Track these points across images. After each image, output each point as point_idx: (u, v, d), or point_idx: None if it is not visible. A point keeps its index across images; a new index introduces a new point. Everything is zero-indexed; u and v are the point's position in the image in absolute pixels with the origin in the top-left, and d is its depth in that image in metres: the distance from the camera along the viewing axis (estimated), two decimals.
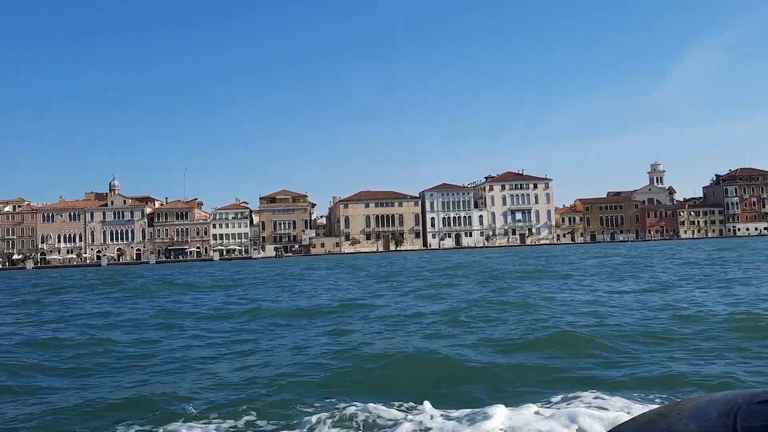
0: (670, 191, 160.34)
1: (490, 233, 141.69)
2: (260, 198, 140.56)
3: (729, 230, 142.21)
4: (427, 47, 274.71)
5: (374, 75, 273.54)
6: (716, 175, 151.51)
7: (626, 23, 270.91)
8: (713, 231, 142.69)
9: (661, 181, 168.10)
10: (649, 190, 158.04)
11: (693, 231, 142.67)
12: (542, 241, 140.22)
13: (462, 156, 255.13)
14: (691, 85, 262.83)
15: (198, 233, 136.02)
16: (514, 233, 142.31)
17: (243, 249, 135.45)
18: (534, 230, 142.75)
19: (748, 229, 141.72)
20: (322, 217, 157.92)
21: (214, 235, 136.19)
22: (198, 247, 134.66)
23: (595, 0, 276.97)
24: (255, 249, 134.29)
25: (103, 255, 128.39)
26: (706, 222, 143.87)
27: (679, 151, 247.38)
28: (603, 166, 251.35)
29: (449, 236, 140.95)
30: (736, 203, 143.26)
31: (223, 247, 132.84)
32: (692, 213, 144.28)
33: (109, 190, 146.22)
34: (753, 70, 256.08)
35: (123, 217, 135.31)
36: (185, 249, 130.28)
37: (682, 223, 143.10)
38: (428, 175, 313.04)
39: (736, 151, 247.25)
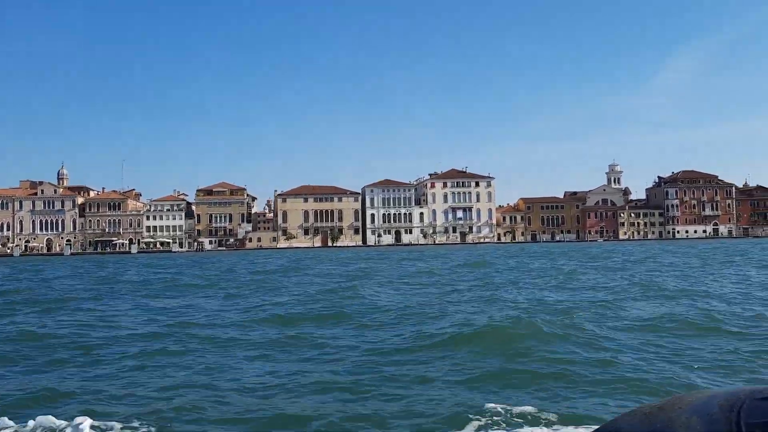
0: (625, 192, 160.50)
1: (431, 231, 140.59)
2: (197, 190, 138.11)
3: (668, 232, 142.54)
4: (379, 44, 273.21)
5: (327, 71, 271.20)
6: (658, 177, 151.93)
7: (606, 29, 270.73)
8: (653, 233, 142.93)
9: (618, 182, 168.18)
10: (604, 190, 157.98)
11: (633, 232, 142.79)
12: (483, 240, 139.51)
13: (426, 154, 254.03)
14: (668, 90, 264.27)
15: (131, 225, 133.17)
16: (454, 231, 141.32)
17: (178, 242, 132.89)
18: (475, 228, 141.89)
19: (687, 232, 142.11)
20: (271, 212, 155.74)
21: (148, 227, 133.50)
22: (131, 239, 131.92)
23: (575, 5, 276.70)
24: (190, 242, 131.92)
25: (15, 246, 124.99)
26: (646, 224, 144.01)
27: (649, 154, 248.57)
28: (574, 167, 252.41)
29: (388, 233, 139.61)
30: (676, 206, 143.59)
31: (153, 240, 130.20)
32: (632, 214, 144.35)
33: (57, 179, 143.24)
34: (728, 79, 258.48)
35: (53, 207, 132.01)
36: (113, 241, 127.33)
37: (623, 224, 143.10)
38: (381, 171, 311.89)
39: (705, 155, 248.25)
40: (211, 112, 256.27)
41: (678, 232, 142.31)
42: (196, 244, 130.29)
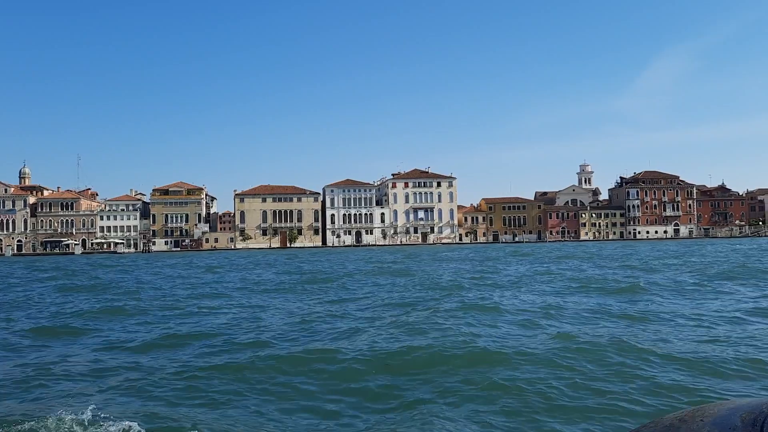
0: (595, 192, 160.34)
1: (392, 231, 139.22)
2: (153, 190, 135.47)
3: (630, 233, 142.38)
4: (346, 44, 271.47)
5: (292, 70, 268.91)
6: (621, 177, 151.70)
7: (589, 31, 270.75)
8: (614, 233, 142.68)
9: (589, 182, 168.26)
10: (573, 190, 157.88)
11: (594, 233, 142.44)
12: (444, 240, 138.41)
13: (392, 156, 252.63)
14: (648, 93, 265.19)
15: (84, 225, 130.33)
16: (416, 231, 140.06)
17: (132, 243, 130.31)
18: (436, 229, 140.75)
19: (648, 232, 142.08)
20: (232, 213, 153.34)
21: (102, 228, 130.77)
22: (84, 240, 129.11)
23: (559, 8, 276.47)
24: (144, 243, 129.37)
25: None
26: (607, 224, 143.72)
27: (626, 156, 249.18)
28: (550, 168, 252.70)
29: (349, 233, 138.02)
30: (637, 206, 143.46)
31: (105, 241, 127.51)
32: (594, 215, 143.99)
33: (18, 178, 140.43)
34: (706, 83, 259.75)
35: (4, 207, 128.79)
36: (63, 242, 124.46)
37: (584, 224, 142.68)
38: (345, 171, 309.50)
39: (677, 156, 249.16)
40: (175, 111, 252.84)
41: (639, 232, 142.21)
42: (142, 244, 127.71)
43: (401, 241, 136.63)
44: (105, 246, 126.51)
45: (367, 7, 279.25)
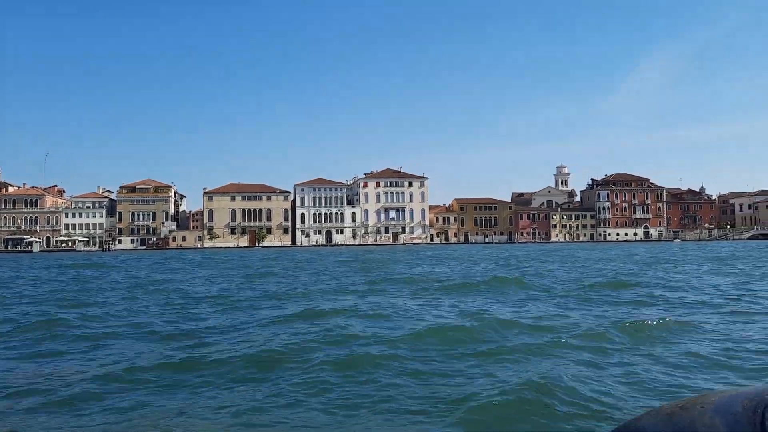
0: (571, 194, 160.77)
1: (363, 231, 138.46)
2: (120, 187, 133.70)
3: (600, 235, 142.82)
4: (321, 43, 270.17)
5: (267, 69, 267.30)
6: (592, 179, 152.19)
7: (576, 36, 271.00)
8: (585, 235, 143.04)
9: (565, 184, 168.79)
10: (549, 192, 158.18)
11: (565, 234, 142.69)
12: (415, 241, 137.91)
13: (367, 156, 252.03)
14: (630, 97, 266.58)
15: (48, 222, 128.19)
16: (387, 231, 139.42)
17: (98, 241, 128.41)
18: (407, 229, 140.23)
19: (618, 234, 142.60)
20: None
21: (66, 225, 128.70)
22: (50, 237, 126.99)
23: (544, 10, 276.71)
24: (104, 240, 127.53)
25: None
26: (578, 226, 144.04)
27: (604, 158, 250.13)
28: (530, 169, 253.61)
29: (319, 233, 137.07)
30: (608, 208, 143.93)
31: (69, 238, 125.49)
32: (564, 216, 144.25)
33: None
34: (689, 88, 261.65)
35: None
36: (25, 239, 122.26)
37: (555, 226, 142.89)
38: (317, 170, 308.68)
39: (654, 159, 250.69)
40: (147, 109, 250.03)
41: (609, 234, 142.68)
42: (102, 242, 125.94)
43: (373, 241, 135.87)
44: (70, 244, 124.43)
45: (341, 5, 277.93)
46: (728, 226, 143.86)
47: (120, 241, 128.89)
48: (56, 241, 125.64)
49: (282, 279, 31.65)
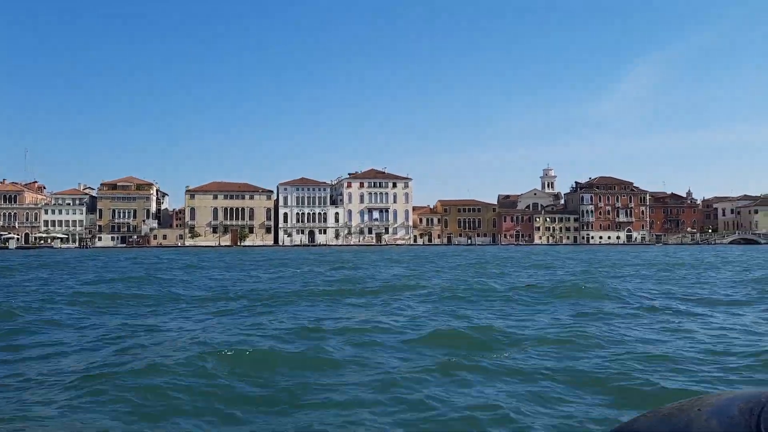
0: (557, 197, 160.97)
1: (346, 231, 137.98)
2: (101, 184, 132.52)
3: (583, 238, 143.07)
4: (308, 43, 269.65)
5: (253, 67, 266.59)
6: (576, 182, 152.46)
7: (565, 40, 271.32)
8: (568, 238, 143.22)
9: (552, 187, 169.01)
10: (534, 194, 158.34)
11: (548, 237, 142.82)
12: (398, 242, 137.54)
13: (354, 157, 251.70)
14: (618, 100, 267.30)
15: (27, 218, 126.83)
16: (370, 232, 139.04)
17: (78, 238, 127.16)
18: (391, 230, 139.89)
19: (601, 238, 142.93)
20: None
21: (46, 222, 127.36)
22: (28, 233, 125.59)
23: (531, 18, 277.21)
24: (89, 238, 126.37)
25: None
26: (561, 228, 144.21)
27: (593, 161, 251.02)
28: (519, 171, 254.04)
29: (302, 232, 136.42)
30: (591, 211, 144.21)
31: (47, 235, 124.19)
32: (548, 219, 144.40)
33: None
34: (681, 91, 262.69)
35: None
36: (2, 236, 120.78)
37: (538, 228, 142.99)
38: (302, 170, 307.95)
39: (639, 163, 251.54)
40: (130, 105, 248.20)
41: (592, 237, 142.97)
42: (80, 240, 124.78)
43: (357, 241, 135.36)
44: (49, 240, 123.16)
45: (325, 5, 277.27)
46: (710, 231, 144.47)
47: (100, 239, 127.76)
48: (35, 238, 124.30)
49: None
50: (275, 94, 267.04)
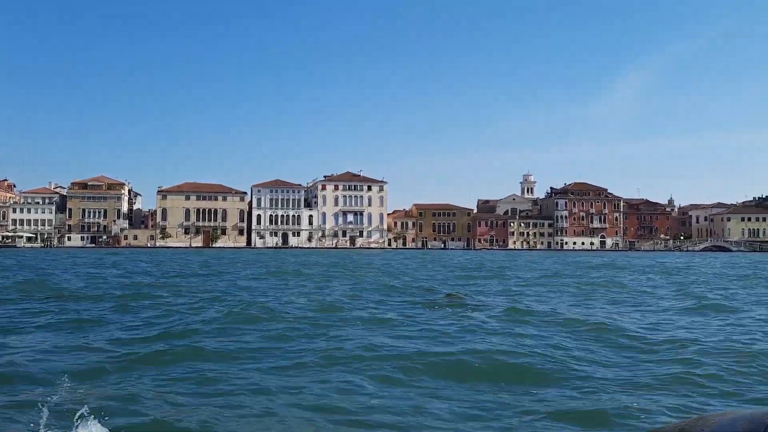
0: (535, 202, 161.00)
1: (320, 234, 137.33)
2: (72, 183, 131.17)
3: (557, 243, 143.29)
4: (284, 45, 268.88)
5: (230, 68, 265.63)
6: (551, 187, 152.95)
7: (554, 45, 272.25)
8: (542, 243, 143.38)
9: (531, 192, 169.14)
10: (513, 199, 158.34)
11: (522, 242, 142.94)
12: (373, 245, 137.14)
13: (333, 161, 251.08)
14: (607, 108, 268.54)
15: None
16: (344, 235, 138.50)
17: (47, 237, 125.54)
18: (365, 233, 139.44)
19: (575, 243, 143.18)
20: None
21: (15, 221, 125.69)
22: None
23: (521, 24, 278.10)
24: (47, 237, 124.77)
25: None
26: (535, 234, 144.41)
27: (574, 167, 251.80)
28: (506, 176, 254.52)
29: (275, 235, 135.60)
30: (565, 217, 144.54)
31: (13, 234, 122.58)
32: (522, 224, 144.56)
33: None
34: (667, 98, 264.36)
35: None
36: None
37: (512, 233, 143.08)
38: (277, 172, 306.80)
39: (621, 169, 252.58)
40: (103, 104, 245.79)
41: (566, 243, 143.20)
42: (56, 239, 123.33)
43: (331, 244, 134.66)
44: (16, 240, 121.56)
45: (303, 6, 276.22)
46: (681, 237, 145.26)
47: (69, 239, 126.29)
48: (2, 237, 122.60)
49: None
50: (249, 96, 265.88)
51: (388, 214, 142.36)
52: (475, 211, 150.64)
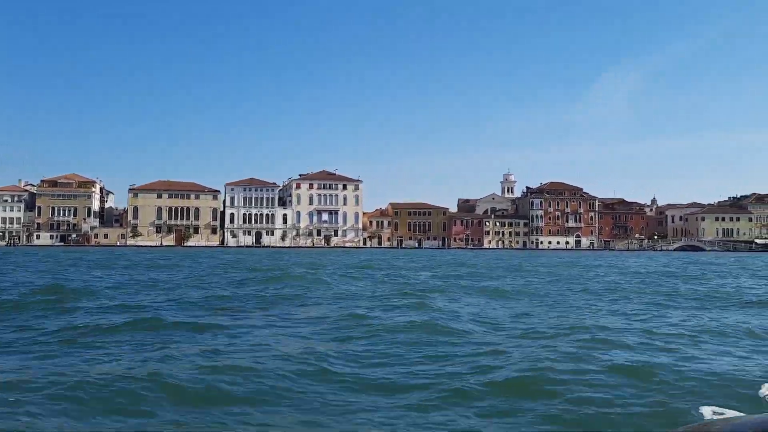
0: (515, 202, 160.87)
1: (294, 233, 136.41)
2: (41, 181, 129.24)
3: (532, 242, 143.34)
4: (263, 44, 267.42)
5: (210, 66, 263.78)
6: (527, 187, 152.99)
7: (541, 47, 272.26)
8: (517, 242, 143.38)
9: (511, 192, 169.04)
10: (493, 199, 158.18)
11: (498, 241, 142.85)
12: (347, 244, 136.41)
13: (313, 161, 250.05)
14: (592, 109, 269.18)
15: None
16: (319, 234, 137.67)
17: (15, 235, 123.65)
18: (340, 232, 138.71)
19: (550, 243, 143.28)
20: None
21: None
22: None
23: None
24: (25, 236, 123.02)
25: None
26: (511, 233, 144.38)
27: (557, 168, 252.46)
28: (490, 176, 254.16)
29: (249, 234, 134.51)
30: (541, 216, 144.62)
31: None
32: (498, 223, 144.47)
33: None
34: (654, 101, 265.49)
35: None
36: None
37: (488, 233, 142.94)
38: (251, 171, 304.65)
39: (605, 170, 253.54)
40: (79, 102, 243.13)
41: (542, 242, 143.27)
42: (25, 237, 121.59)
43: (306, 243, 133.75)
44: None
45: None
46: (655, 237, 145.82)
47: (38, 237, 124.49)
48: None
49: None
50: (224, 94, 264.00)
51: (364, 213, 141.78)
52: (454, 210, 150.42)
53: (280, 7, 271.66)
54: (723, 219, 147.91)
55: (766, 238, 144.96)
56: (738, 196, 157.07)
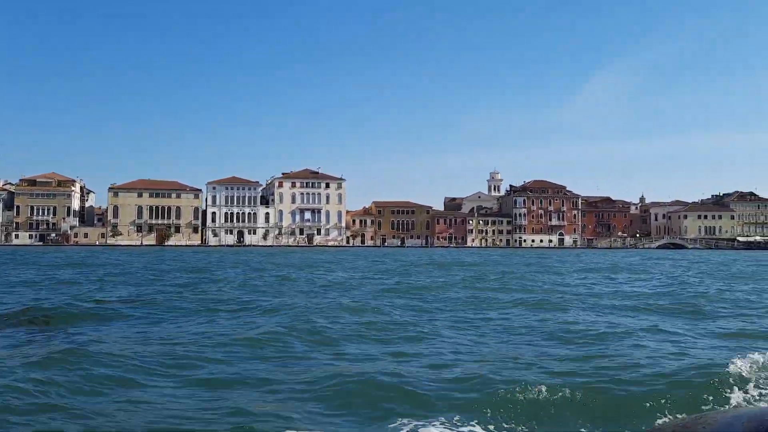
0: (499, 200, 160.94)
1: (277, 232, 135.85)
2: (20, 180, 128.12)
3: (516, 241, 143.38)
4: (251, 44, 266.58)
5: (193, 64, 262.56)
6: (510, 185, 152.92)
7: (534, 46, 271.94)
8: (500, 241, 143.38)
9: (498, 190, 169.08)
10: (479, 197, 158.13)
11: (481, 240, 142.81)
12: (330, 243, 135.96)
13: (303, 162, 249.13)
14: (581, 109, 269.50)
15: None
16: (302, 233, 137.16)
17: None
18: (323, 231, 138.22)
19: (533, 241, 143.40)
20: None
21: None
22: None
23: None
24: (6, 235, 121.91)
25: None
26: (494, 231, 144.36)
27: (546, 166, 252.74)
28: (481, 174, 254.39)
29: (231, 233, 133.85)
30: (524, 214, 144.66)
31: None
32: (481, 222, 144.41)
33: None
34: (642, 100, 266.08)
35: None
36: None
37: (471, 231, 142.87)
38: (233, 169, 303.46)
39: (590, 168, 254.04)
40: (60, 101, 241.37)
41: (525, 240, 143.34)
42: (3, 237, 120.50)
43: (288, 242, 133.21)
44: None
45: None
46: (637, 235, 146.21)
47: (17, 237, 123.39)
48: None
49: None
50: (206, 93, 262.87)
51: (348, 212, 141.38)
52: (438, 208, 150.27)
53: (267, 7, 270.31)
54: (705, 217, 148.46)
55: (748, 236, 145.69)
56: (721, 195, 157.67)
